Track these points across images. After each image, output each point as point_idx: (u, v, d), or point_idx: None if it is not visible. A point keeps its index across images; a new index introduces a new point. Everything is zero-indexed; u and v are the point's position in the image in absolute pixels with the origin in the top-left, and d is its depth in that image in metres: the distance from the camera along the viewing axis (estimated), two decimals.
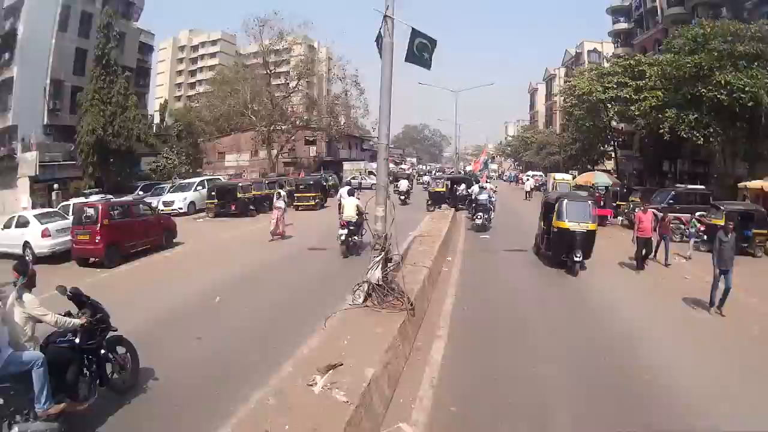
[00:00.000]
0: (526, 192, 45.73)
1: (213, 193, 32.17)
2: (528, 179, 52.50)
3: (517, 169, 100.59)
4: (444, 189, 33.28)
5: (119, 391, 7.16)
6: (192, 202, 33.74)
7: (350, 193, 19.29)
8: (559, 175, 34.90)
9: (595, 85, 40.07)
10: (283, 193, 25.01)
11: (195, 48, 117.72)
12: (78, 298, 6.91)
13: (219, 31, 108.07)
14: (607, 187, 29.50)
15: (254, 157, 65.84)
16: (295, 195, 34.27)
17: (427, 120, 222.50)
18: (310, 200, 34.29)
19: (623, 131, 49.58)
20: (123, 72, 41.23)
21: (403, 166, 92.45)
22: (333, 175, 51.03)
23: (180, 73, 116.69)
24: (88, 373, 6.66)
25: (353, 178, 56.90)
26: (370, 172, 58.53)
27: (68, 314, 6.75)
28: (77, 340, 6.62)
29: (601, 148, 52.16)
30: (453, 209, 29.03)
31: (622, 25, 64.66)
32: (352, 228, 17.46)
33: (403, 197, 36.60)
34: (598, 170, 54.79)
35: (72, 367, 6.41)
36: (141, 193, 35.71)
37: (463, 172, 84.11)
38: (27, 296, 6.32)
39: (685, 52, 30.77)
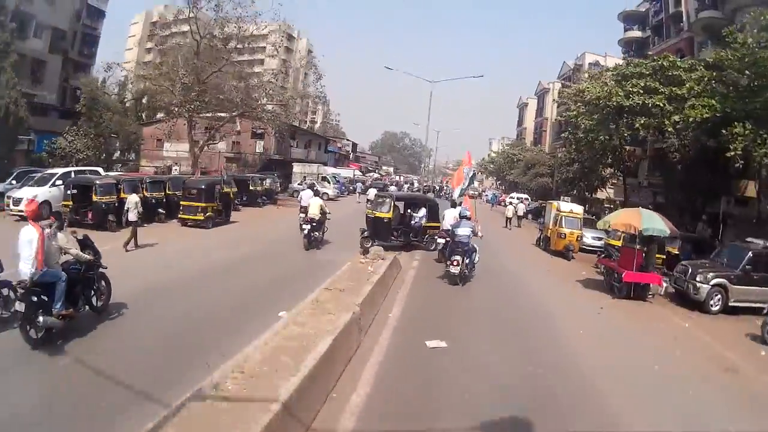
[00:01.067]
0: (507, 218, 37.93)
1: (69, 192, 21.58)
2: (512, 203, 44.90)
3: (498, 189, 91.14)
4: (390, 214, 19.93)
5: (97, 310, 9.66)
6: (46, 202, 21.14)
7: (316, 194, 24.17)
8: (565, 206, 23.75)
9: (614, 89, 30.60)
10: (135, 200, 18.15)
11: (167, 25, 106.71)
12: (84, 242, 9.73)
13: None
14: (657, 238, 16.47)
15: (194, 147, 55.29)
16: (181, 204, 23.77)
17: (408, 128, 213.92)
18: (198, 212, 23.37)
19: (631, 154, 40.25)
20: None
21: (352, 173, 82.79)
22: (272, 178, 40.57)
23: (149, 51, 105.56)
24: (83, 293, 9.24)
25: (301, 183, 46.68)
26: (324, 178, 48.74)
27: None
28: (82, 270, 9.32)
29: (603, 172, 42.96)
30: (397, 252, 18.38)
31: (635, 33, 56.28)
32: (314, 225, 19.15)
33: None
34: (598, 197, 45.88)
35: (77, 287, 9.10)
36: (14, 182, 25.47)
37: (436, 187, 76.00)
38: (60, 234, 9.00)
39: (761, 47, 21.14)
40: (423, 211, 20.57)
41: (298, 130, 63.66)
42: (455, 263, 14.72)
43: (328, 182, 48.34)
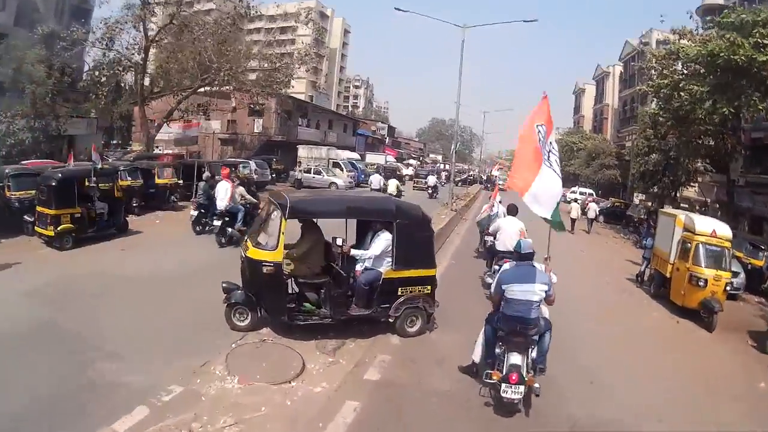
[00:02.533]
0: (572, 220, 28.76)
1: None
2: (578, 199, 37.11)
3: None
4: (279, 256, 8.09)
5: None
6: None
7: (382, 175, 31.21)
8: (703, 223, 11.58)
9: (739, 40, 20.89)
10: None
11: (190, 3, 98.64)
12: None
13: None
14: None
15: (187, 129, 46.16)
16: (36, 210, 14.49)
17: (455, 114, 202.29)
18: (48, 224, 13.62)
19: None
20: None
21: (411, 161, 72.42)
22: (254, 163, 31.66)
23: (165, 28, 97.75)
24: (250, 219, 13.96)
25: (306, 170, 37.46)
26: (336, 164, 38.61)
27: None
28: (249, 208, 15.84)
29: (691, 165, 32.80)
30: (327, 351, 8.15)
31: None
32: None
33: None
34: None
35: (247, 217, 15.43)
36: None
37: (483, 176, 65.62)
38: (239, 188, 16.16)
39: None
40: (382, 242, 8.61)
41: (309, 107, 53.53)
42: (513, 378, 6.36)
43: (341, 169, 38.49)
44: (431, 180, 39.73)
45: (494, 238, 12.38)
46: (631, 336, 10.54)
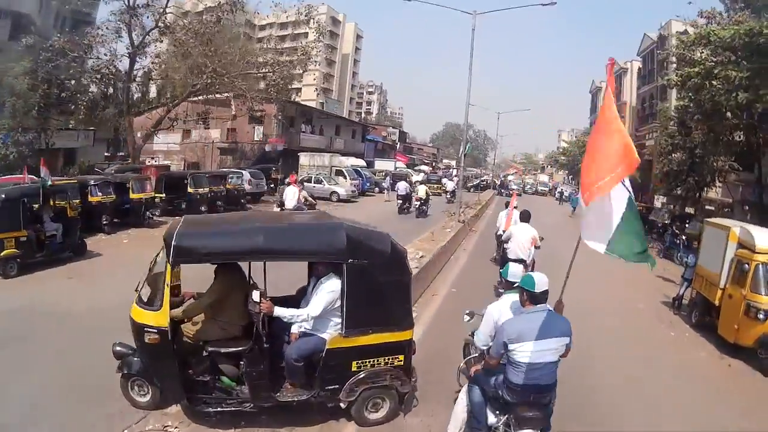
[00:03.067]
0: None
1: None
2: None
3: (571, 184, 76.40)
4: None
5: None
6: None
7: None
8: (765, 238, 9.88)
9: None
10: None
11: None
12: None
13: None
14: None
15: (186, 139, 44.91)
16: None
17: (472, 118, 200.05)
18: None
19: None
20: None
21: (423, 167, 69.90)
22: (246, 174, 30.13)
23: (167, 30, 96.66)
24: None
25: (306, 179, 35.10)
26: (339, 172, 36.58)
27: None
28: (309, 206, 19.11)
29: (716, 163, 30.03)
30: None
31: None
32: (423, 201, 27.57)
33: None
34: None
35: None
36: None
37: (496, 182, 63.32)
38: (303, 192, 21.06)
39: None
40: (325, 295, 5.80)
41: (315, 112, 51.56)
42: None
43: (344, 177, 36.33)
44: (449, 185, 37.37)
45: (504, 243, 11.72)
46: (677, 389, 8.18)
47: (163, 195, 22.59)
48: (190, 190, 22.87)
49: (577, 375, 4.99)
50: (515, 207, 14.00)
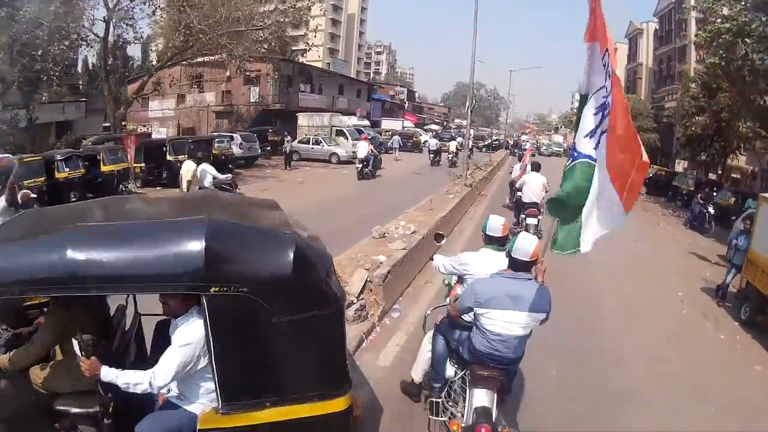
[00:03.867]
0: None
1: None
2: None
3: None
4: None
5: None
6: None
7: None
8: None
9: None
10: None
11: None
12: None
13: None
14: None
15: (181, 104, 42.94)
16: None
17: (485, 77, 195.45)
18: None
19: None
20: None
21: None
22: (227, 140, 27.00)
23: None
24: None
25: (304, 140, 33.59)
26: (340, 132, 34.64)
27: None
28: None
29: (743, 127, 28.66)
30: None
31: None
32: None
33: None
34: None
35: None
36: None
37: (510, 141, 60.77)
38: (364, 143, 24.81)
39: None
40: (177, 353, 3.23)
41: (315, 71, 48.98)
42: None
43: (345, 137, 34.08)
44: (432, 143, 35.27)
45: (519, 191, 13.74)
46: (733, 416, 6.21)
47: (143, 165, 21.15)
48: (169, 158, 21.05)
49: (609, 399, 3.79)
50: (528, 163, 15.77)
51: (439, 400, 4.64)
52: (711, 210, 19.35)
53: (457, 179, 21.09)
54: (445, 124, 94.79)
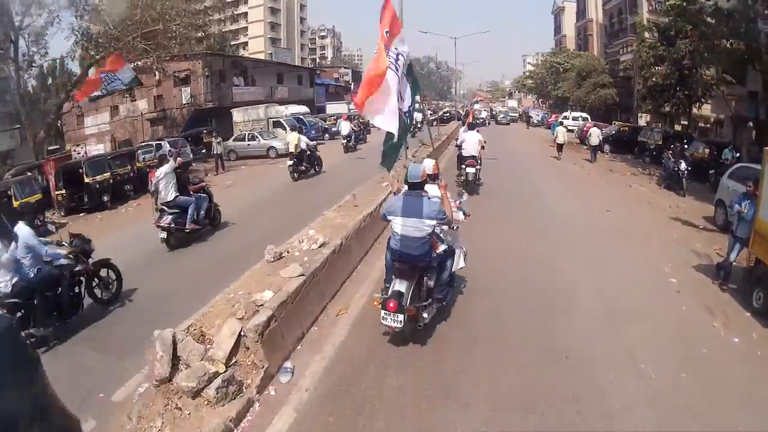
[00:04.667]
0: (559, 146, 26.29)
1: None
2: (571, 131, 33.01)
3: (543, 108, 72.31)
4: None
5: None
6: None
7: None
8: None
9: None
10: None
11: None
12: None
13: None
14: None
15: (115, 116, 40.19)
16: None
17: (433, 52, 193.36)
18: None
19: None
20: None
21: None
22: (154, 149, 24.41)
23: None
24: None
25: (239, 137, 30.69)
26: (277, 123, 32.20)
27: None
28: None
29: (706, 74, 28.06)
30: None
31: None
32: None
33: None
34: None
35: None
36: None
37: (461, 112, 58.45)
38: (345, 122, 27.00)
39: None
40: None
41: (249, 63, 45.62)
42: (390, 305, 5.93)
43: (284, 128, 31.13)
44: (344, 126, 29.26)
45: (460, 148, 15.77)
46: None
47: (63, 192, 19.34)
48: (87, 179, 19.26)
49: None
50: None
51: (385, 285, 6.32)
52: (684, 166, 17.36)
53: (396, 161, 18.83)
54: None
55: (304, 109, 37.76)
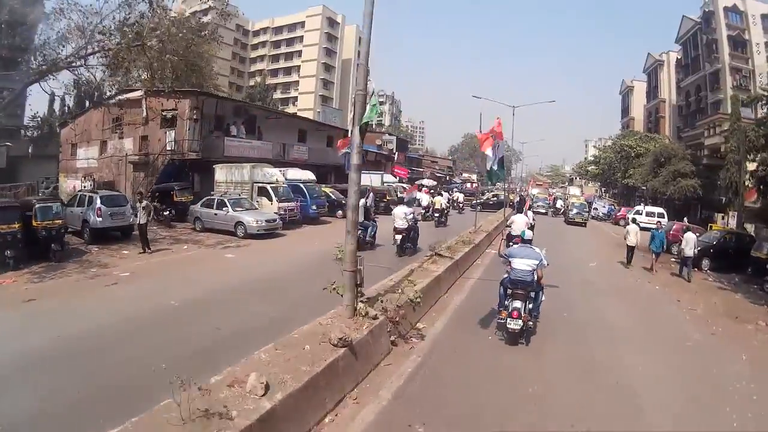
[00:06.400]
0: (629, 248, 19.64)
1: None
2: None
3: (608, 198, 64.18)
4: None
5: None
6: None
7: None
8: None
9: None
10: None
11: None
12: None
13: None
14: None
15: (103, 152, 35.25)
16: None
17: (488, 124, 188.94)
18: None
19: None
20: None
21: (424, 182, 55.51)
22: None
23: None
24: None
25: (206, 203, 23.18)
26: (263, 191, 25.14)
27: None
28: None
29: None
30: None
31: None
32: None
33: None
34: None
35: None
36: None
37: (516, 199, 49.51)
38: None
39: None
40: None
41: (257, 111, 37.77)
42: (515, 314, 9.21)
43: (269, 198, 24.36)
44: (424, 199, 31.42)
45: (510, 227, 18.43)
46: None
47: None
48: None
49: None
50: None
51: (499, 308, 9.74)
52: None
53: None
54: (448, 177, 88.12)
55: (308, 175, 29.91)
